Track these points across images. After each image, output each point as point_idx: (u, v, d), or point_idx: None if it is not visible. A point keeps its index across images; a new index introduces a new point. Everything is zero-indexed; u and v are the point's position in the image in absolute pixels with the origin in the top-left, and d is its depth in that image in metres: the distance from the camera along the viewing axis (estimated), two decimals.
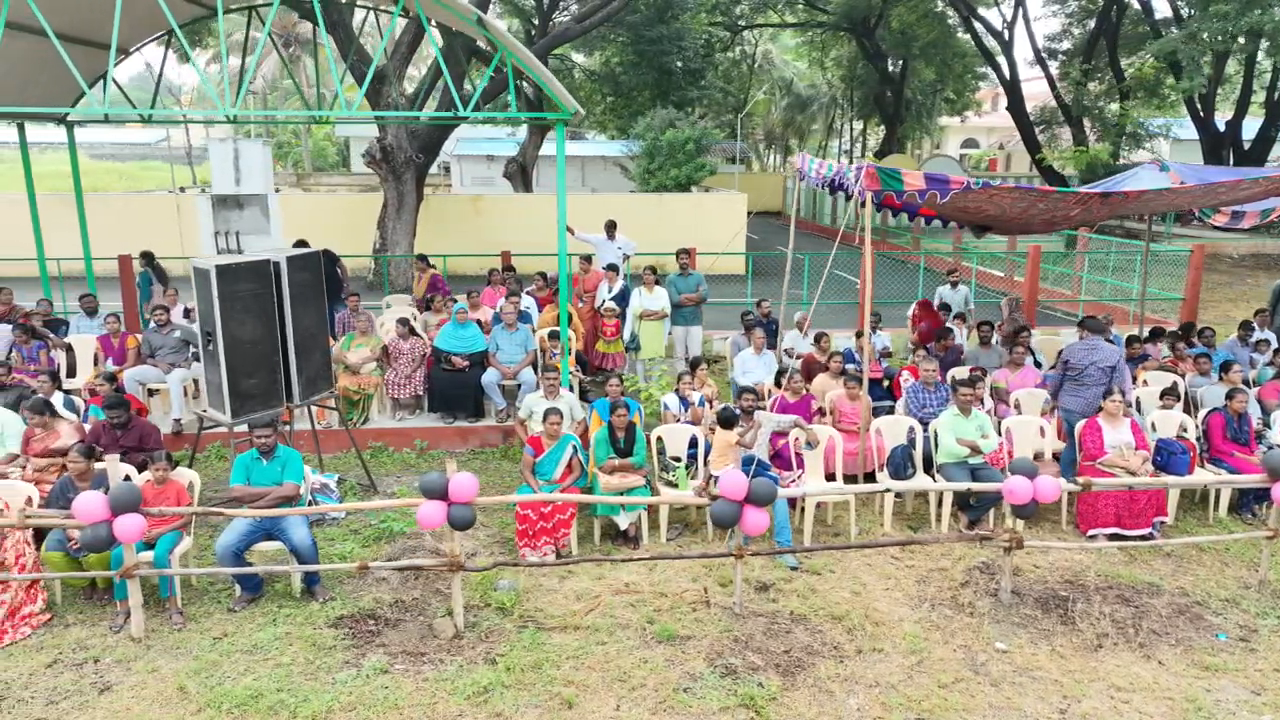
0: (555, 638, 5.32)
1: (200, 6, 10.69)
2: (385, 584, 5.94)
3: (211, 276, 6.27)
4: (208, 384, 6.74)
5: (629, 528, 6.60)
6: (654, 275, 10.06)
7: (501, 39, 7.96)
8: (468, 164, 38.12)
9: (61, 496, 5.70)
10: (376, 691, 4.75)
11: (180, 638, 5.28)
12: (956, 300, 11.11)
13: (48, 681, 4.84)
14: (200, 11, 10.82)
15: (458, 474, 5.20)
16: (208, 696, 4.67)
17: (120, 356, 8.71)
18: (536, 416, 7.59)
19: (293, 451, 6.01)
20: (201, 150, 53.46)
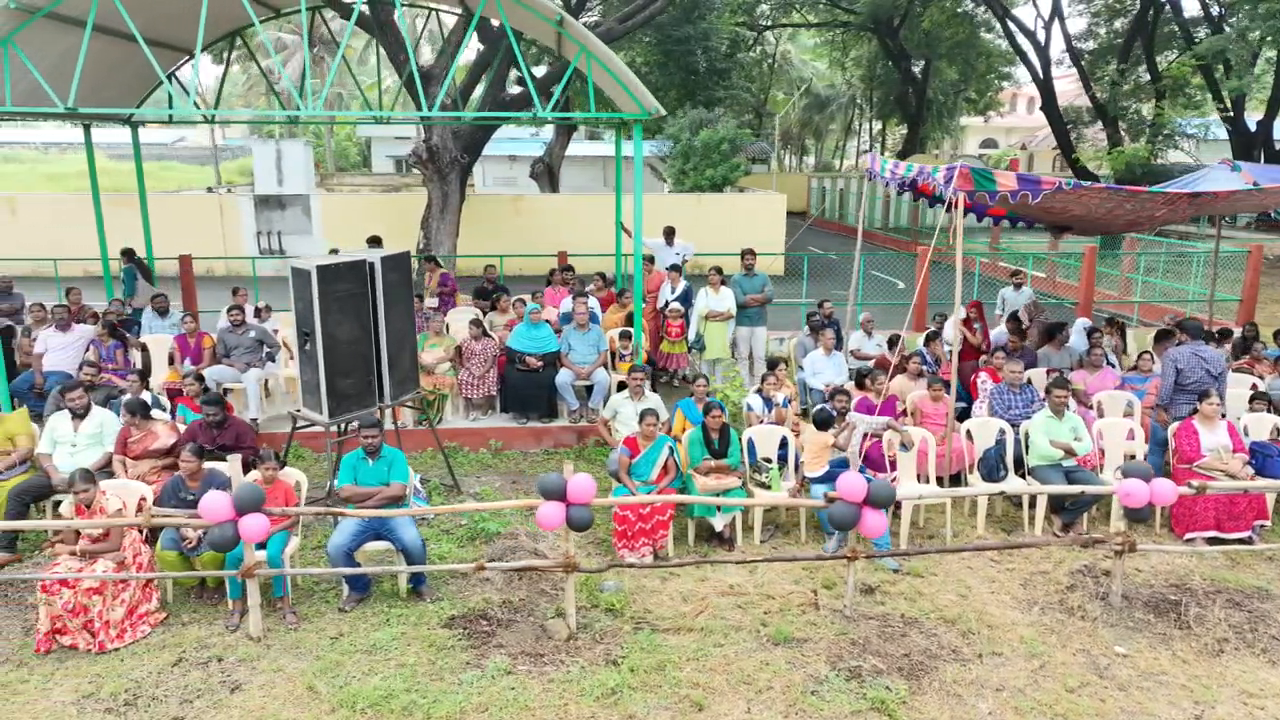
0: (671, 639, 5.31)
1: (265, 7, 10.71)
2: (490, 584, 5.94)
3: (312, 277, 6.29)
4: (303, 384, 6.76)
5: (724, 529, 6.59)
6: (720, 276, 10.04)
7: (584, 40, 7.97)
8: (490, 164, 38.18)
9: (173, 496, 5.74)
10: (504, 693, 4.75)
11: (297, 637, 5.29)
12: (1020, 302, 11.04)
13: (177, 680, 4.86)
14: (268, 13, 10.83)
15: (575, 475, 5.20)
16: (339, 696, 4.68)
17: (197, 356, 8.74)
18: (621, 417, 7.62)
19: (398, 452, 6.03)
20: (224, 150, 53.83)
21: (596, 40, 7.89)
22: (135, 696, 4.70)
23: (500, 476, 8.08)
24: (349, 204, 20.21)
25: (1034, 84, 26.58)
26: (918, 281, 12.90)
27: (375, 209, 19.72)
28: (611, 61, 7.98)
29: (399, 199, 20.77)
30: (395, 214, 19.04)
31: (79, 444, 6.58)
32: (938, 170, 7.52)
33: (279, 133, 36.09)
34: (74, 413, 6.64)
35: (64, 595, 5.10)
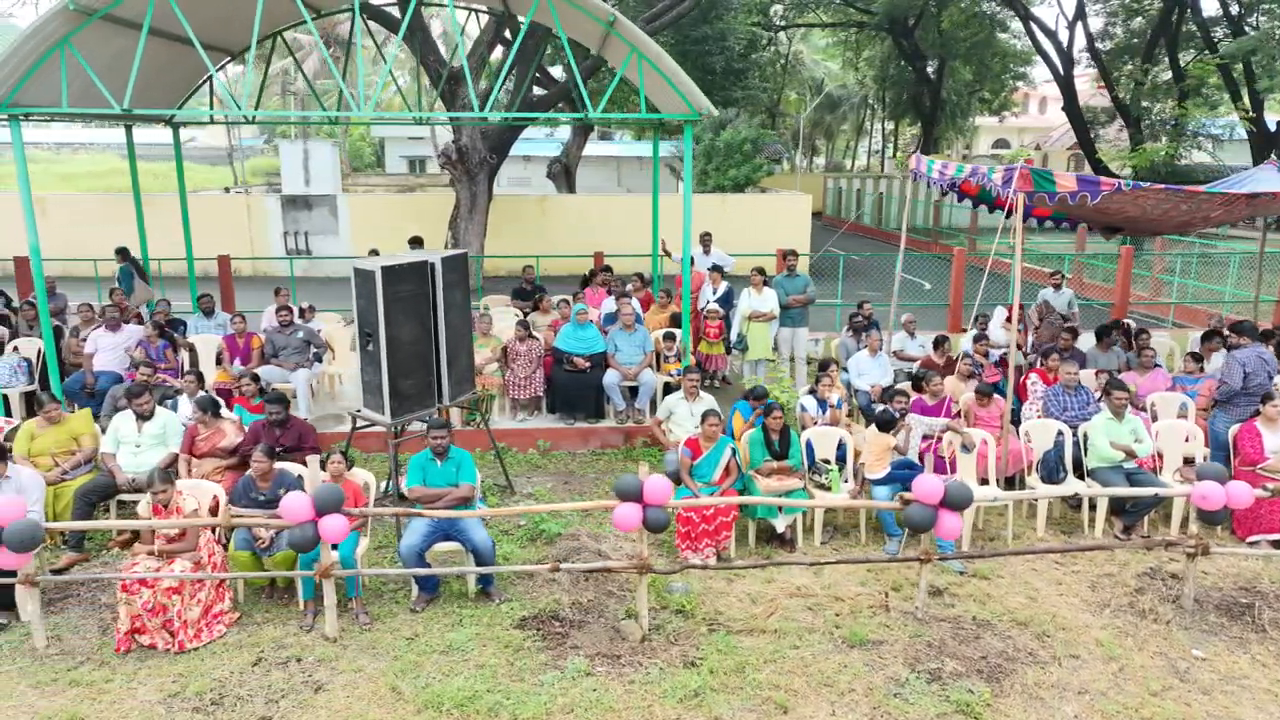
0: (746, 641, 5.30)
1: (309, 7, 10.70)
2: (557, 585, 5.94)
3: (377, 278, 6.30)
4: (364, 384, 6.77)
5: (785, 530, 6.59)
6: (762, 276, 10.02)
7: (635, 40, 7.96)
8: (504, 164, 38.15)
9: (244, 496, 5.76)
10: (586, 694, 4.75)
11: (372, 638, 5.30)
12: (1060, 303, 10.99)
13: (259, 680, 4.87)
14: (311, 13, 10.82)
15: (651, 477, 5.20)
16: (423, 697, 4.69)
17: (246, 356, 8.77)
18: (676, 418, 7.62)
19: (465, 453, 6.03)
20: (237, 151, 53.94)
21: (650, 40, 7.88)
22: (221, 696, 4.71)
23: (550, 477, 8.08)
24: (376, 204, 20.26)
25: (1055, 83, 26.43)
26: (954, 282, 12.90)
27: (401, 209, 19.76)
28: (663, 61, 7.97)
29: (426, 199, 20.83)
30: (421, 214, 19.09)
31: (143, 444, 6.61)
32: (994, 171, 7.49)
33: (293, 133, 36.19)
34: (138, 414, 6.66)
35: (143, 595, 5.12)
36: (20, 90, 7.70)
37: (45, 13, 7.47)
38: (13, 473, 5.63)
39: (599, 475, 8.14)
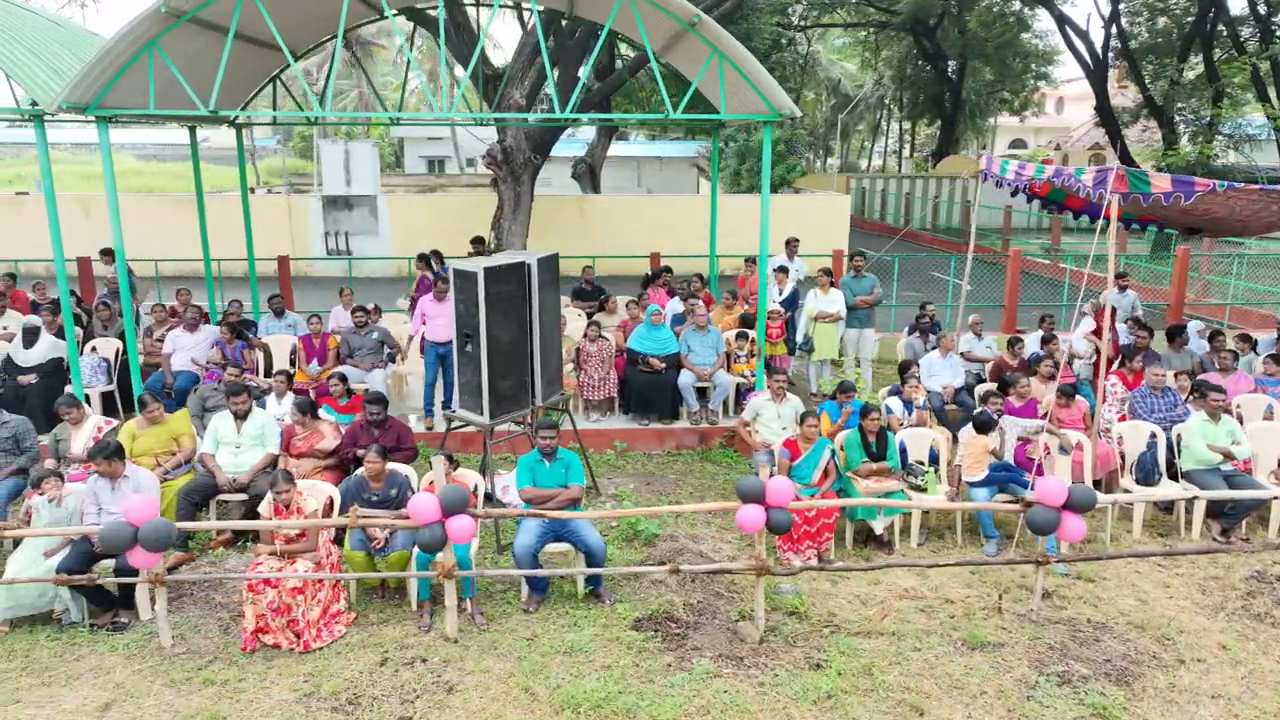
0: (865, 643, 5.30)
1: (370, 7, 10.74)
2: (665, 587, 5.94)
3: (480, 279, 6.31)
4: (461, 385, 6.79)
5: (883, 532, 6.57)
6: (829, 277, 10.01)
7: (717, 41, 7.96)
8: None
9: (355, 496, 5.77)
10: (719, 695, 4.75)
11: (492, 638, 5.31)
12: (1124, 305, 10.94)
13: (389, 680, 4.88)
14: (372, 13, 10.86)
15: (774, 479, 5.20)
16: (558, 698, 4.69)
17: (322, 356, 8.80)
18: (763, 419, 7.61)
19: (573, 454, 6.04)
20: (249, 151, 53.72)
21: (733, 40, 7.87)
22: (356, 696, 4.72)
23: (630, 478, 8.08)
24: (416, 205, 20.29)
25: (1088, 82, 26.31)
26: (1010, 283, 12.85)
27: (442, 210, 19.79)
28: (746, 62, 7.96)
29: (468, 199, 20.87)
30: (462, 214, 19.11)
31: (242, 445, 6.63)
32: (1082, 172, 7.46)
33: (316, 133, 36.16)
34: (236, 414, 6.69)
35: (268, 595, 5.14)
36: (108, 92, 7.74)
37: (136, 16, 7.51)
38: (130, 472, 5.66)
39: (679, 476, 8.14)
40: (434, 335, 8.38)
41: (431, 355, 8.46)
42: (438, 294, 8.38)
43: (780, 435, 7.42)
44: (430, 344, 8.44)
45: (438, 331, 8.32)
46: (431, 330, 8.40)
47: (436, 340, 8.36)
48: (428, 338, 8.45)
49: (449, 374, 8.09)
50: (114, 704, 4.64)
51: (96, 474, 5.62)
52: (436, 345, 8.38)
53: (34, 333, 8.49)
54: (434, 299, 8.45)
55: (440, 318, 8.24)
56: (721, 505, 5.44)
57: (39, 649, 5.14)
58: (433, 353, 8.45)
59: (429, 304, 8.47)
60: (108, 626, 5.34)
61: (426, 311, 8.46)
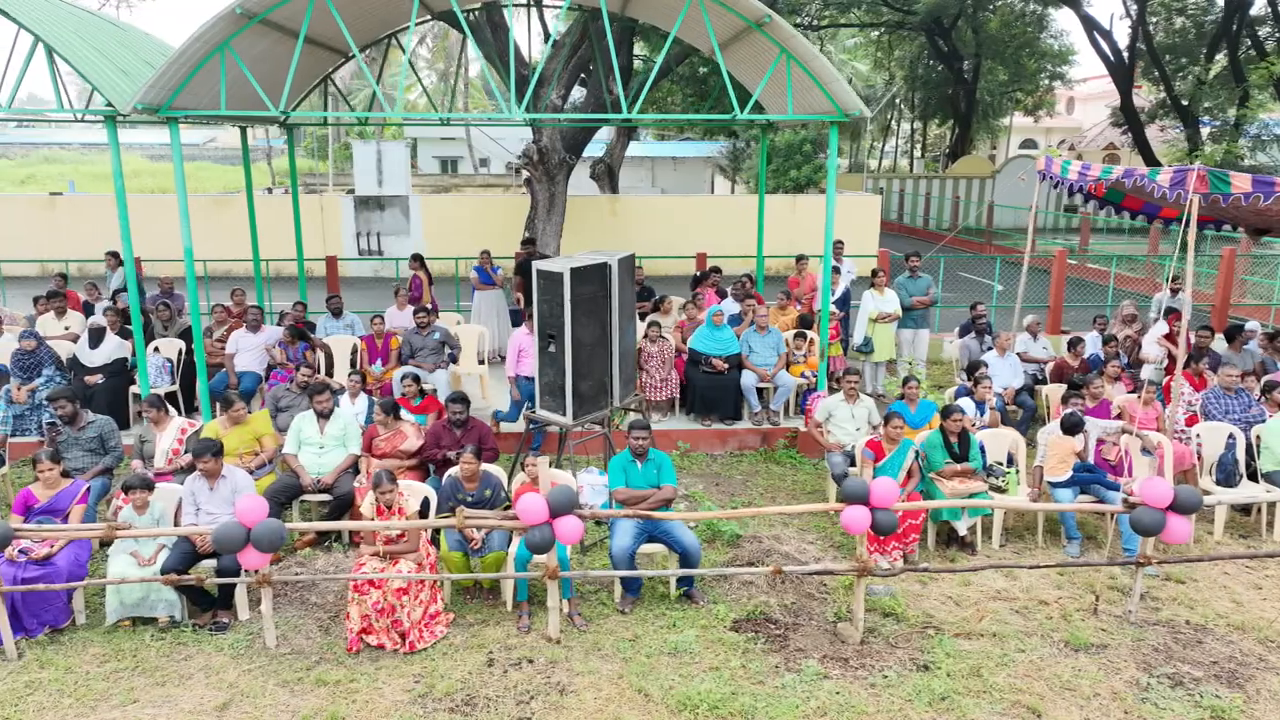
0: (967, 644, 5.29)
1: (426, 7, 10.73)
2: (754, 587, 5.94)
3: (565, 279, 6.31)
4: (541, 385, 6.79)
5: (966, 533, 6.56)
6: (885, 278, 10.00)
7: (786, 41, 7.95)
8: None
9: (451, 496, 5.77)
10: (832, 697, 4.74)
11: (593, 639, 5.31)
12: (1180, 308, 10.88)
13: (500, 681, 4.88)
14: (425, 13, 10.86)
15: (877, 479, 5.19)
16: (674, 699, 4.69)
17: (385, 357, 8.81)
18: (836, 419, 7.59)
19: (664, 454, 6.03)
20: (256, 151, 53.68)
21: (804, 40, 7.86)
22: (470, 697, 4.72)
23: (697, 478, 8.07)
24: (448, 205, 20.33)
25: (1113, 82, 26.25)
26: (1055, 284, 12.82)
27: (473, 210, 19.83)
28: (814, 63, 7.95)
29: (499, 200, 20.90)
30: (493, 215, 19.15)
31: (326, 445, 6.64)
32: (1156, 173, 7.43)
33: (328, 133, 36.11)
34: (319, 414, 6.70)
35: (373, 595, 5.14)
36: (179, 94, 7.75)
37: (211, 17, 7.53)
38: (228, 473, 5.67)
39: (745, 477, 8.14)
40: (528, 371, 8.11)
41: (526, 391, 8.10)
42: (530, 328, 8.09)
43: (853, 436, 7.41)
44: (524, 380, 8.20)
45: (529, 368, 8.04)
46: (526, 367, 8.18)
47: (530, 375, 8.02)
48: (523, 374, 8.24)
49: None
50: (231, 704, 4.65)
51: (196, 474, 5.63)
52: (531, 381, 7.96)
53: (99, 333, 8.50)
54: (527, 333, 8.25)
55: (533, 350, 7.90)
56: (824, 506, 5.42)
57: (145, 649, 5.14)
58: (527, 389, 8.08)
59: (525, 338, 8.28)
60: (209, 626, 5.35)
61: (524, 348, 8.25)
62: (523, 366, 8.28)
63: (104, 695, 4.70)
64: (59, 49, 7.55)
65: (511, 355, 8.45)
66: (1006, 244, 24.50)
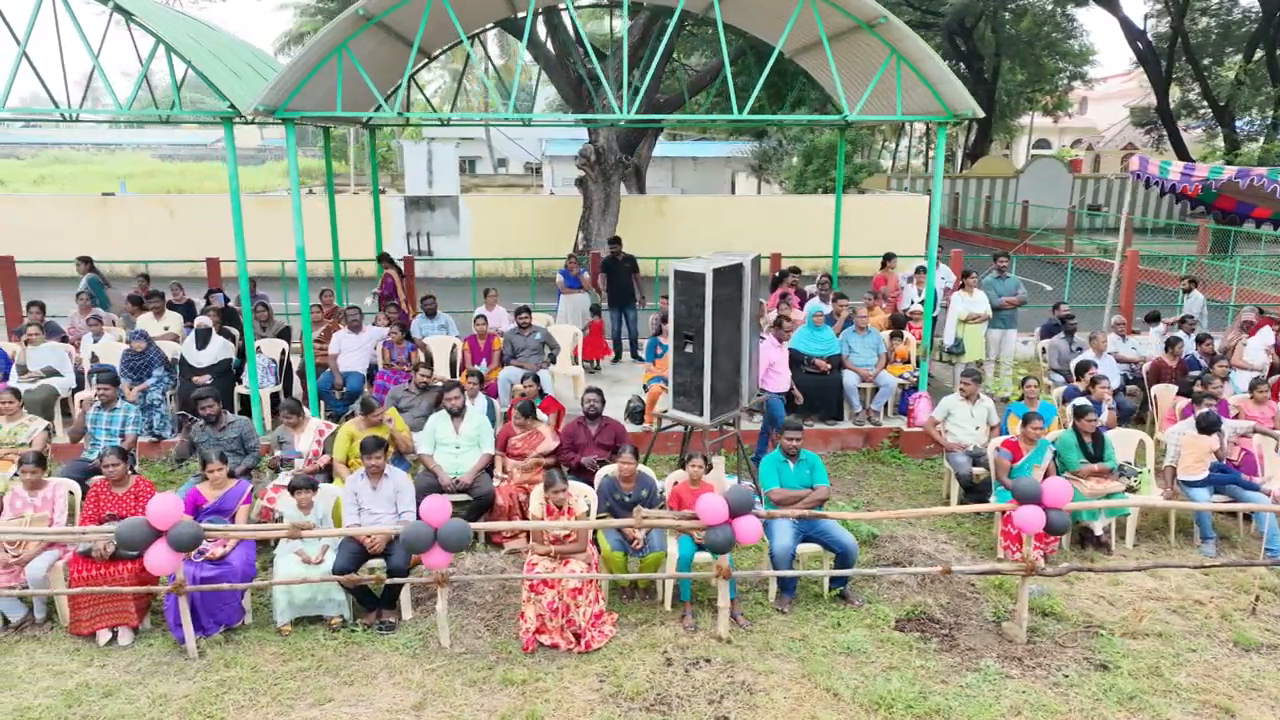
0: (1135, 644, 5.30)
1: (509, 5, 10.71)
2: (905, 587, 5.96)
3: (707, 279, 6.32)
4: (675, 385, 6.80)
5: (1102, 533, 6.57)
6: (974, 279, 10.01)
7: (899, 43, 7.96)
8: (559, 164, 38.36)
9: (608, 497, 5.79)
10: (1021, 696, 4.76)
11: (761, 638, 5.31)
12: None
13: (684, 681, 4.89)
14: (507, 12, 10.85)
15: (1050, 480, 5.21)
16: (865, 699, 4.70)
17: (489, 357, 8.83)
18: (955, 419, 7.60)
19: (815, 455, 6.05)
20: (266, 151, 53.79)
21: (918, 40, 7.86)
22: (661, 696, 4.74)
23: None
24: (497, 206, 20.37)
25: (1150, 84, 26.22)
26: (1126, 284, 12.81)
27: (521, 210, 19.86)
28: (925, 62, 7.95)
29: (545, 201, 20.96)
30: (542, 215, 19.18)
31: (462, 445, 6.66)
32: (1278, 173, 7.44)
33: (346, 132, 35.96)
34: (452, 413, 6.72)
35: (547, 595, 5.16)
36: (295, 95, 7.77)
37: (336, 19, 7.56)
38: (390, 472, 5.69)
39: (855, 477, 8.14)
40: (777, 387, 7.99)
41: (776, 408, 7.88)
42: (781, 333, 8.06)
43: (973, 436, 7.43)
44: (772, 396, 7.93)
45: (779, 384, 7.99)
46: (775, 383, 7.98)
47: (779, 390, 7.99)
48: (771, 389, 7.96)
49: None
50: (426, 704, 4.66)
51: (359, 473, 5.65)
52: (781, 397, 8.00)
53: (205, 333, 8.52)
54: (776, 343, 8.03)
55: (784, 368, 8.00)
56: (997, 506, 5.44)
57: (321, 648, 5.16)
58: (777, 406, 7.90)
59: (774, 351, 7.99)
60: (377, 626, 5.37)
61: (774, 361, 7.95)
62: (770, 380, 7.89)
63: (297, 694, 4.72)
64: (180, 51, 7.57)
65: (761, 368, 7.78)
66: (1042, 244, 24.48)
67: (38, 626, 5.32)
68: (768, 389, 7.95)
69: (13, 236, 17.20)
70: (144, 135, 64.73)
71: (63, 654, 5.07)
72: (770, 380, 8.00)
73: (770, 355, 8.00)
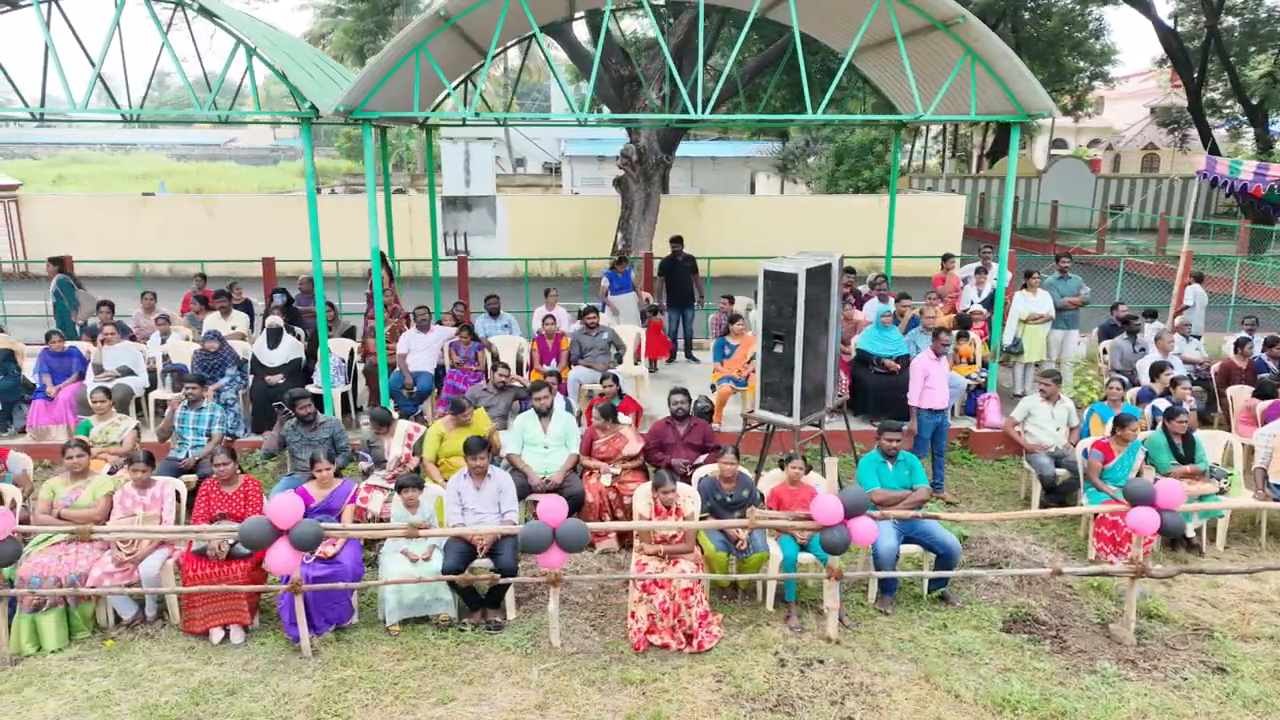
0: (1247, 646, 5.27)
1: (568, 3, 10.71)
2: (1003, 589, 5.94)
3: (800, 280, 6.32)
4: (762, 385, 6.79)
5: (1193, 535, 6.54)
6: (1036, 278, 9.97)
7: (976, 43, 7.93)
8: (578, 164, 38.41)
9: (709, 497, 5.79)
10: (1143, 699, 4.73)
11: (870, 639, 5.30)
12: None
13: (801, 682, 4.88)
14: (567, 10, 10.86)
15: (1162, 481, 5.18)
16: (988, 699, 4.68)
17: (557, 357, 8.83)
18: (1036, 419, 7.57)
19: (913, 456, 6.04)
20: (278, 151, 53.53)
21: (995, 39, 7.83)
22: (783, 697, 4.73)
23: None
24: (533, 205, 20.40)
25: (1183, 84, 26.07)
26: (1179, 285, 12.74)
27: (557, 211, 19.87)
28: (1001, 61, 7.92)
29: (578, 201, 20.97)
30: (578, 215, 19.20)
31: (550, 445, 6.67)
32: None
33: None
34: (540, 412, 6.73)
35: (659, 595, 5.16)
36: (372, 97, 7.80)
37: (415, 21, 7.59)
38: (493, 472, 5.70)
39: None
40: (933, 403, 7.41)
41: (928, 426, 7.48)
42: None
43: (1054, 437, 7.40)
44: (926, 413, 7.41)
45: (936, 399, 7.40)
46: (932, 398, 7.39)
47: (935, 408, 7.41)
48: (925, 406, 7.41)
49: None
50: (549, 704, 4.67)
51: (462, 473, 5.66)
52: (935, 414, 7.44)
53: (277, 333, 8.55)
54: (933, 356, 7.48)
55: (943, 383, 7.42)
56: (1107, 508, 5.42)
57: (433, 648, 5.17)
58: (930, 424, 7.48)
59: (930, 363, 7.43)
60: (484, 625, 5.37)
61: (931, 374, 7.39)
62: (927, 396, 7.34)
63: (420, 694, 4.73)
64: (261, 53, 7.60)
65: (917, 383, 7.41)
66: (1071, 243, 24.38)
67: (149, 624, 5.34)
68: (924, 406, 7.37)
69: (58, 236, 17.35)
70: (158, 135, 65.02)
71: (179, 651, 5.10)
72: (927, 396, 7.36)
73: (926, 368, 7.38)
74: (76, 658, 5.01)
